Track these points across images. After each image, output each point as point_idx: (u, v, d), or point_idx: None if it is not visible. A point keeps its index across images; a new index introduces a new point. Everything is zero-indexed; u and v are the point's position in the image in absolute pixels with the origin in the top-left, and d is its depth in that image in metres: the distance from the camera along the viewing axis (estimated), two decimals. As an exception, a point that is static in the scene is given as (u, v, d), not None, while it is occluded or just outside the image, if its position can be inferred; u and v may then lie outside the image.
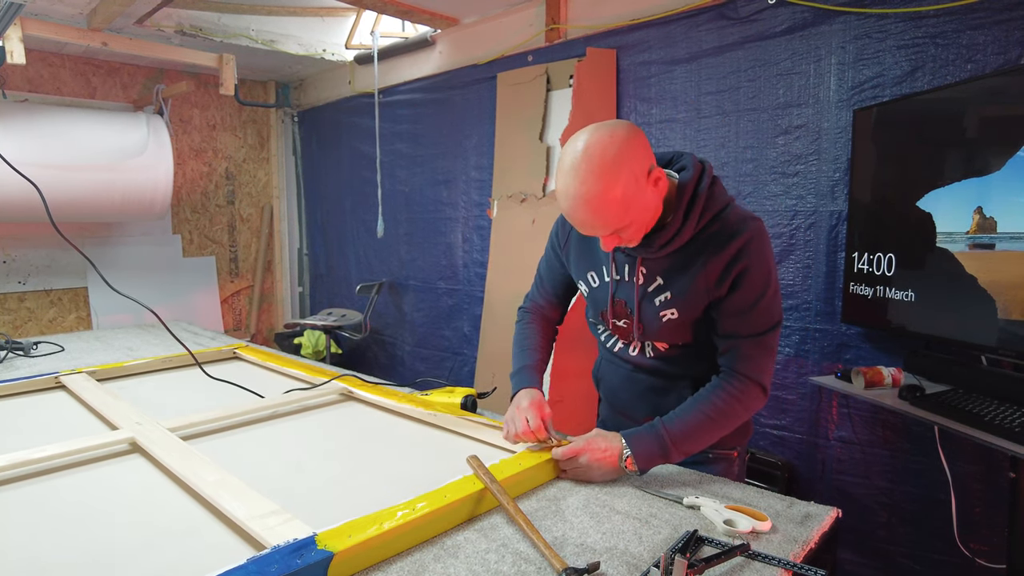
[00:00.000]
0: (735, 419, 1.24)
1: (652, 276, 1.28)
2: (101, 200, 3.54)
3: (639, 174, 1.12)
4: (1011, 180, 1.66)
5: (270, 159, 4.90)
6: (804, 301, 2.33)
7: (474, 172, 3.54)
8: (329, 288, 4.83)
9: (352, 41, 4.09)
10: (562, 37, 3.03)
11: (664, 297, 1.27)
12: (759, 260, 1.19)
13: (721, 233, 1.20)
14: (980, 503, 1.97)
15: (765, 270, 1.20)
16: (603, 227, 1.15)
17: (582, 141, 1.12)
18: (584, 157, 1.10)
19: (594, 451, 1.19)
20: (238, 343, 2.37)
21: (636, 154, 1.12)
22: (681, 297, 1.25)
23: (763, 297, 1.20)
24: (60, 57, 3.86)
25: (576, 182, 1.11)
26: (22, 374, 1.93)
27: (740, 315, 1.21)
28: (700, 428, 1.22)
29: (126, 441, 1.35)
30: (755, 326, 1.22)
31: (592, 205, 1.11)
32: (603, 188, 1.10)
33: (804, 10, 2.27)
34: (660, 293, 1.27)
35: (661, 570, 0.87)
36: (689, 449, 1.22)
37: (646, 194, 1.14)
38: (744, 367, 1.23)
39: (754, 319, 1.21)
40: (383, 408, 1.63)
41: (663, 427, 1.21)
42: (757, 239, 1.19)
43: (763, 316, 1.21)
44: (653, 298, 1.28)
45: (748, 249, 1.18)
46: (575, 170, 1.11)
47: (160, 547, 0.96)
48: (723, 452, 1.40)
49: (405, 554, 0.94)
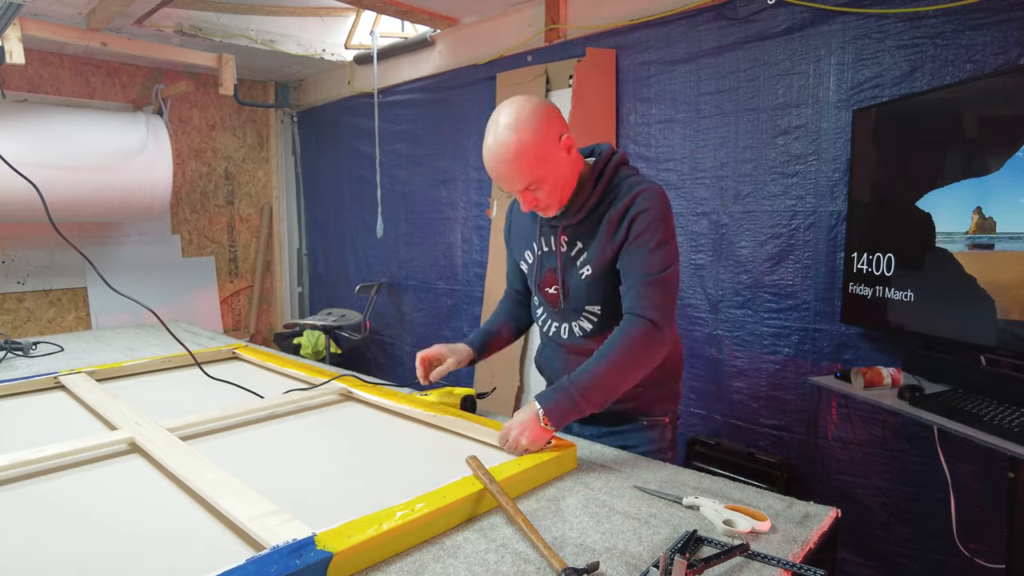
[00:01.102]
0: (637, 360, 1.31)
1: (573, 242, 1.42)
2: (100, 200, 3.54)
3: (550, 134, 1.29)
4: (1010, 180, 1.67)
5: (269, 159, 4.90)
6: (803, 301, 2.33)
7: (473, 172, 3.54)
8: (328, 288, 4.83)
9: (351, 41, 4.09)
10: (562, 37, 3.03)
11: (583, 258, 1.40)
12: (650, 208, 1.32)
13: (621, 189, 1.37)
14: (979, 503, 1.97)
15: (657, 217, 1.33)
16: (518, 179, 1.29)
17: (501, 107, 1.31)
18: (504, 120, 1.28)
19: (515, 422, 1.28)
20: (237, 343, 2.37)
21: (547, 118, 1.29)
22: (592, 253, 1.38)
23: (657, 239, 1.32)
24: (59, 57, 3.86)
25: (491, 137, 1.28)
26: (21, 374, 1.93)
27: (636, 260, 1.33)
28: (605, 375, 1.28)
29: (125, 441, 1.34)
30: (649, 266, 1.32)
31: (507, 155, 1.27)
32: (516, 139, 1.26)
33: (803, 10, 2.27)
34: (581, 254, 1.41)
35: (660, 570, 0.87)
36: (599, 399, 1.28)
37: (558, 155, 1.31)
38: (637, 306, 1.32)
39: (649, 261, 1.32)
40: (382, 408, 1.63)
41: (569, 381, 1.29)
42: (650, 193, 1.34)
43: (657, 258, 1.32)
44: (575, 261, 1.42)
45: (640, 199, 1.33)
46: (492, 127, 1.29)
47: (159, 547, 0.96)
48: (655, 419, 1.51)
49: (404, 554, 0.94)
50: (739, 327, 2.50)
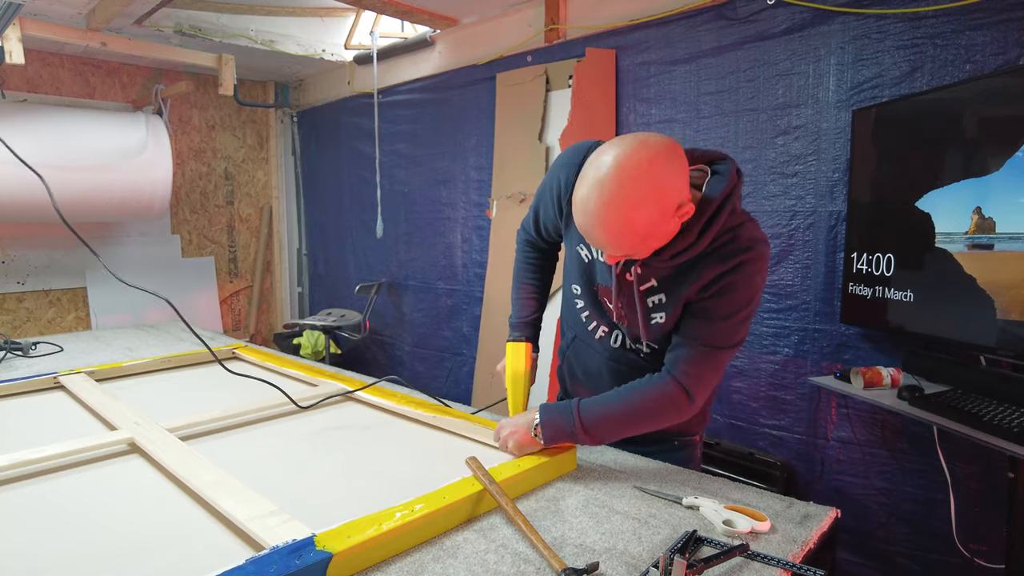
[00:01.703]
0: (653, 421, 1.22)
1: (647, 276, 1.23)
2: (100, 200, 3.54)
3: (668, 207, 1.04)
4: (1010, 180, 1.67)
5: (269, 159, 4.90)
6: (803, 301, 2.33)
7: (473, 172, 3.54)
8: (328, 288, 4.83)
9: (351, 41, 4.09)
10: (561, 37, 3.03)
11: (657, 299, 1.23)
12: (750, 280, 1.16)
13: (727, 247, 1.15)
14: (979, 503, 1.97)
15: (750, 291, 1.16)
16: (616, 251, 1.10)
17: (616, 155, 1.03)
18: (615, 175, 1.01)
19: (509, 422, 1.26)
20: (237, 343, 2.37)
21: (672, 185, 1.03)
22: (672, 302, 1.21)
23: (736, 315, 1.17)
24: (59, 57, 3.85)
25: (598, 200, 1.03)
26: (21, 374, 1.93)
27: (705, 322, 1.18)
28: (615, 420, 1.21)
29: (125, 441, 1.34)
30: (714, 338, 1.18)
31: (610, 229, 1.05)
32: (626, 216, 1.02)
33: (803, 10, 2.27)
34: (653, 294, 1.23)
35: (660, 570, 0.87)
36: (598, 436, 1.22)
37: (669, 226, 1.08)
38: (683, 371, 1.19)
39: (717, 331, 1.18)
40: (382, 409, 1.63)
41: (577, 411, 1.22)
42: (757, 262, 1.15)
43: (727, 332, 1.18)
44: (648, 298, 1.24)
45: (745, 267, 1.15)
46: (600, 185, 1.02)
47: (158, 547, 0.96)
48: (687, 439, 1.42)
49: (404, 555, 0.94)
50: (739, 327, 2.49)
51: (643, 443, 1.39)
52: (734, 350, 1.21)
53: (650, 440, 1.38)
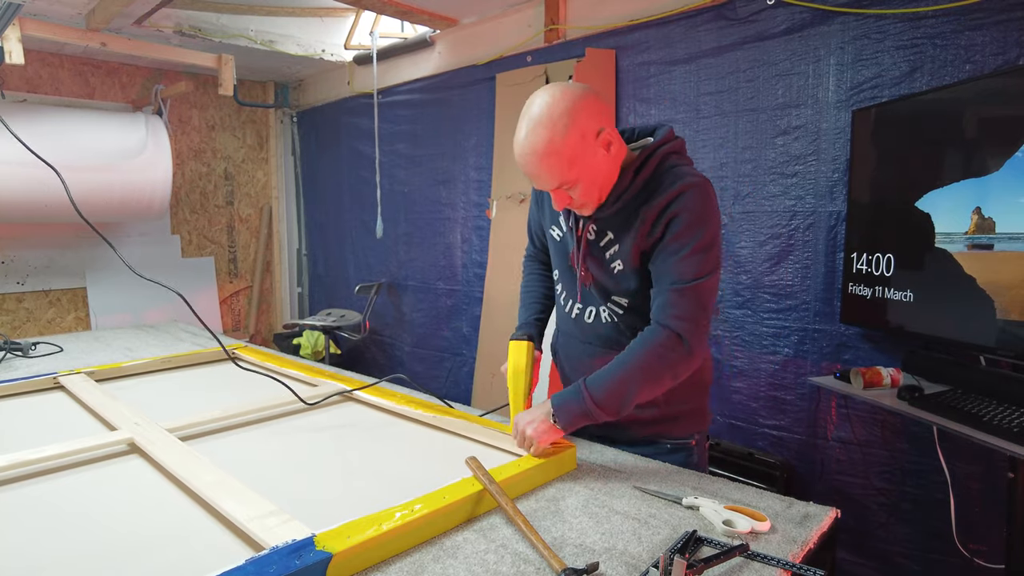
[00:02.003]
0: (656, 373, 1.21)
1: (603, 231, 1.31)
2: (100, 200, 3.54)
3: (587, 132, 1.17)
4: (1010, 180, 1.67)
5: (269, 159, 4.90)
6: (803, 301, 2.33)
7: (473, 173, 3.54)
8: (328, 288, 4.82)
9: (351, 41, 4.09)
10: (561, 38, 3.03)
11: (613, 250, 1.30)
12: (693, 208, 1.20)
13: (662, 181, 1.23)
14: (979, 503, 1.97)
15: (699, 219, 1.20)
16: (548, 179, 1.20)
17: (537, 99, 1.19)
18: (536, 112, 1.18)
19: (526, 414, 1.26)
20: (237, 343, 2.37)
21: (584, 113, 1.17)
22: (624, 248, 1.27)
23: (694, 244, 1.20)
24: (59, 57, 3.85)
25: (523, 132, 1.19)
26: (21, 375, 1.93)
27: (666, 262, 1.22)
28: (620, 384, 1.21)
29: (124, 442, 1.34)
30: (682, 273, 1.20)
31: (538, 155, 1.18)
32: (547, 138, 1.16)
33: (803, 11, 2.27)
34: (610, 246, 1.30)
35: (660, 570, 0.87)
36: (614, 407, 1.21)
37: (595, 154, 1.19)
38: (663, 315, 1.21)
39: (682, 267, 1.20)
40: (382, 409, 1.63)
41: (585, 388, 1.22)
42: (694, 191, 1.21)
43: (691, 265, 1.20)
44: (604, 252, 1.31)
45: (683, 197, 1.20)
46: (524, 121, 1.19)
47: (158, 548, 0.96)
48: (680, 442, 1.39)
49: (404, 555, 0.94)
50: (739, 327, 2.50)
51: (631, 444, 1.39)
52: (708, 282, 1.22)
53: (641, 443, 1.39)
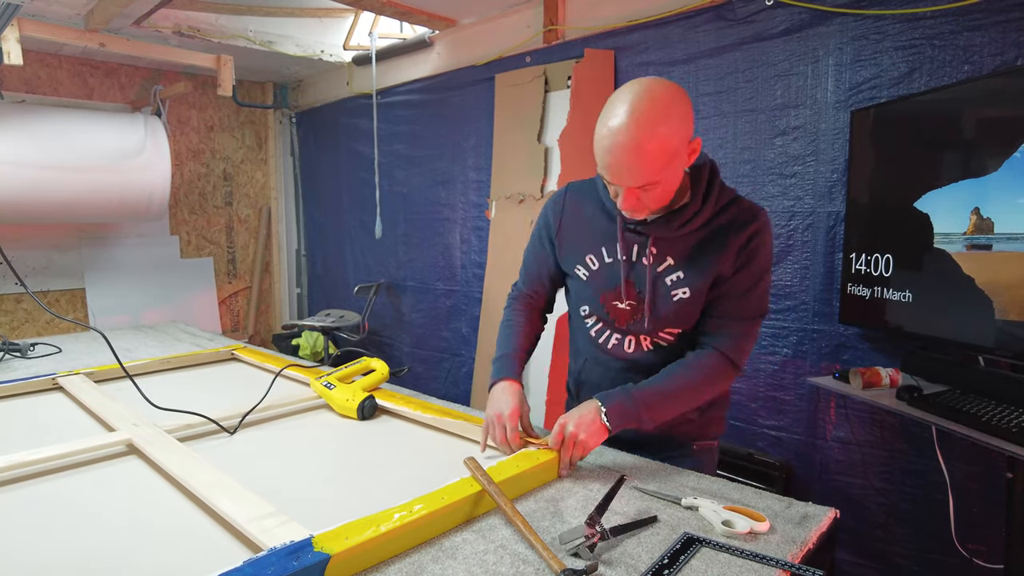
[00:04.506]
0: (705, 393, 1.28)
1: (663, 256, 1.27)
2: (98, 201, 3.54)
3: (685, 134, 1.12)
4: (1008, 181, 1.67)
5: (268, 160, 4.90)
6: (802, 302, 2.33)
7: (472, 173, 3.54)
8: (327, 289, 4.82)
9: (350, 42, 4.09)
10: (560, 38, 3.03)
11: (676, 276, 1.27)
12: (766, 247, 1.25)
13: (739, 216, 1.24)
14: (977, 503, 1.97)
15: (768, 257, 1.26)
16: (641, 174, 1.11)
17: (639, 84, 1.10)
18: (646, 96, 1.08)
19: (572, 417, 1.22)
20: (236, 344, 2.37)
21: (688, 114, 1.12)
22: (693, 277, 1.25)
23: (761, 282, 1.25)
24: (57, 58, 3.85)
25: (623, 117, 1.07)
26: (19, 375, 1.92)
27: (738, 297, 1.25)
28: (671, 397, 1.24)
29: (123, 443, 1.34)
30: (748, 310, 1.26)
31: (640, 146, 1.08)
32: (654, 131, 1.07)
33: (801, 11, 2.27)
34: (671, 273, 1.27)
35: None
36: (658, 417, 1.24)
37: (683, 158, 1.14)
38: (727, 346, 1.26)
39: (748, 303, 1.25)
40: (381, 409, 1.63)
41: (635, 389, 1.24)
42: (768, 227, 1.26)
43: (757, 301, 1.26)
44: (665, 277, 1.28)
45: (761, 234, 1.23)
46: (625, 106, 1.08)
47: (156, 549, 0.96)
48: (706, 443, 1.42)
49: (403, 556, 0.94)
50: (738, 328, 2.49)
51: (660, 448, 1.36)
52: (763, 319, 1.29)
53: (672, 446, 1.38)
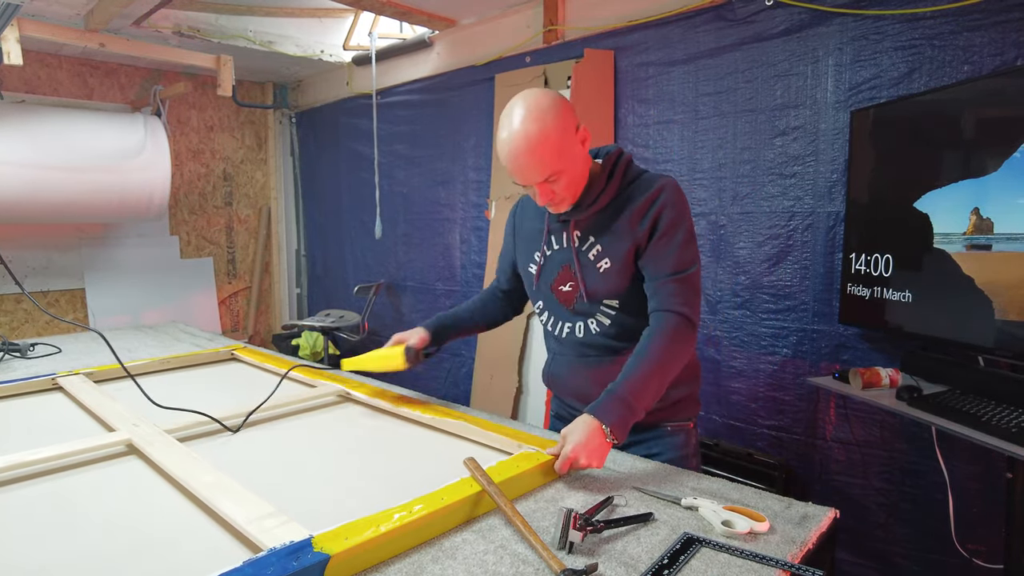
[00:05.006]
0: (677, 355, 1.31)
1: (586, 236, 1.40)
2: (98, 201, 3.53)
3: (568, 126, 1.28)
4: (1008, 181, 1.67)
5: (268, 160, 4.90)
6: (801, 302, 2.34)
7: (472, 173, 3.54)
8: (327, 289, 4.82)
9: (350, 42, 4.09)
10: (560, 38, 3.03)
11: (597, 250, 1.39)
12: (673, 204, 1.33)
13: (639, 186, 1.37)
14: (977, 503, 1.98)
15: (679, 213, 1.34)
16: (538, 169, 1.27)
17: (515, 99, 1.29)
18: (519, 107, 1.27)
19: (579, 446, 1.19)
20: (236, 344, 2.37)
21: (565, 108, 1.29)
22: (611, 247, 1.37)
23: (682, 236, 1.33)
24: (57, 58, 3.85)
25: (512, 126, 1.26)
26: (19, 375, 1.92)
27: (663, 257, 1.33)
28: (651, 374, 1.27)
29: (123, 443, 1.34)
30: (676, 264, 1.33)
31: (530, 145, 1.25)
32: (537, 129, 1.24)
33: (801, 11, 2.27)
34: (593, 247, 1.39)
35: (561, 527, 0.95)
36: (650, 399, 1.27)
37: (575, 147, 1.30)
38: (669, 302, 1.32)
39: (675, 258, 1.33)
40: (380, 410, 1.63)
41: (621, 388, 1.25)
42: (670, 188, 1.35)
43: (681, 254, 1.33)
44: (588, 254, 1.40)
45: (663, 195, 1.34)
46: (508, 118, 1.27)
47: (156, 549, 0.96)
48: (679, 424, 1.47)
49: (403, 556, 0.94)
50: (737, 328, 2.50)
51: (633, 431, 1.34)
52: (698, 269, 1.36)
53: (640, 428, 1.39)
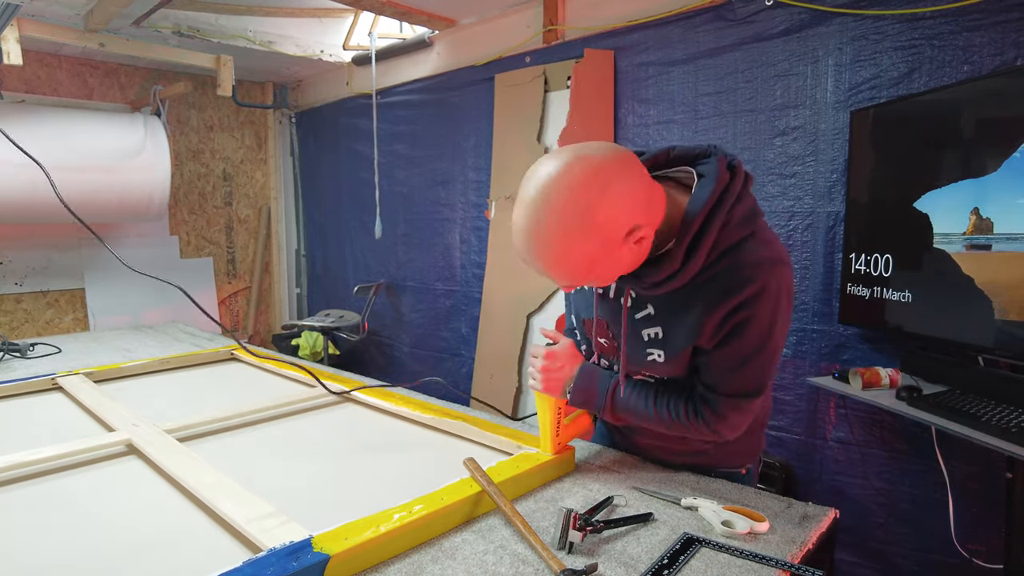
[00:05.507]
0: (685, 439, 1.16)
1: (642, 302, 1.08)
2: (98, 201, 3.53)
3: (612, 236, 0.90)
4: (1008, 181, 1.67)
5: (268, 160, 4.90)
6: (801, 302, 2.33)
7: (472, 173, 3.54)
8: (327, 289, 4.82)
9: (350, 42, 4.09)
10: (560, 38, 3.03)
11: (654, 333, 1.08)
12: (765, 313, 0.99)
13: (727, 276, 0.98)
14: (977, 503, 1.97)
15: (772, 323, 1.00)
16: (558, 282, 0.98)
17: (547, 174, 0.88)
18: (543, 201, 0.88)
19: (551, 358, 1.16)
20: (235, 344, 2.36)
21: (615, 211, 0.88)
22: (672, 341, 1.06)
23: (754, 358, 1.02)
24: (57, 58, 3.85)
25: (526, 231, 0.91)
26: (19, 376, 1.92)
27: (722, 371, 1.05)
28: (640, 419, 1.14)
29: (122, 443, 1.34)
30: (735, 387, 1.05)
31: (542, 264, 0.93)
32: (558, 249, 0.90)
33: (801, 11, 2.27)
34: (649, 326, 1.08)
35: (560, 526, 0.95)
36: (624, 422, 1.17)
37: (620, 256, 0.93)
38: (712, 420, 1.07)
39: (737, 380, 1.04)
40: (380, 410, 1.63)
41: (613, 394, 1.15)
42: (769, 290, 0.97)
43: (747, 379, 1.04)
44: (640, 329, 1.09)
45: (754, 303, 0.97)
46: (528, 212, 0.90)
47: (156, 550, 0.96)
48: (730, 471, 1.26)
49: (402, 556, 0.94)
50: (737, 328, 2.49)
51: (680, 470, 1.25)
52: (762, 394, 1.06)
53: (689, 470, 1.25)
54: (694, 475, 1.24)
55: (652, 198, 0.95)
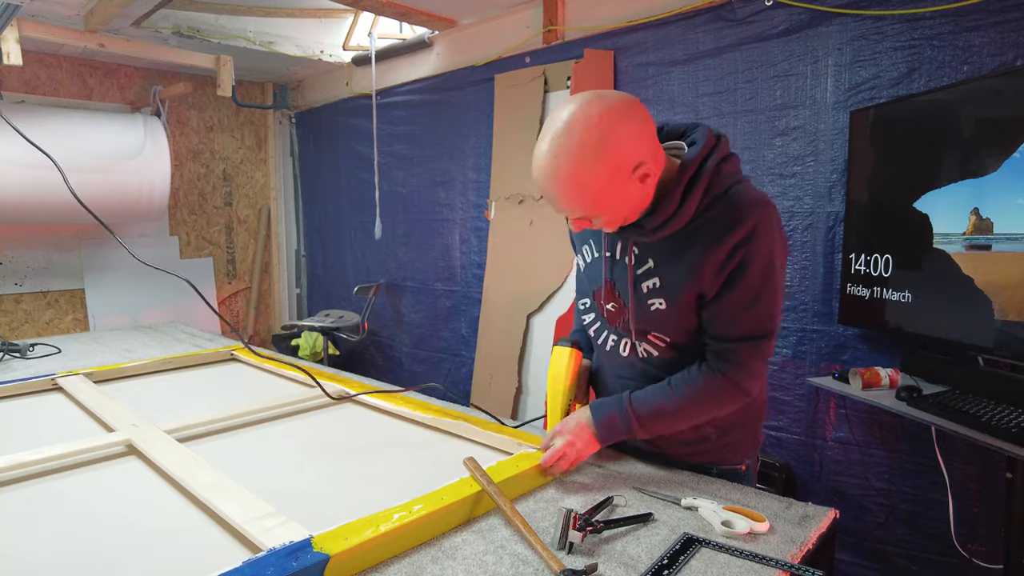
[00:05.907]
0: (709, 412, 1.17)
1: (643, 258, 1.16)
2: (98, 201, 3.52)
3: (622, 167, 1.01)
4: (1008, 181, 1.67)
5: (267, 160, 4.90)
6: (801, 302, 2.33)
7: (472, 173, 3.54)
8: (326, 289, 4.82)
9: (350, 42, 4.09)
10: (560, 39, 3.03)
11: (652, 283, 1.15)
12: (762, 253, 1.06)
13: (721, 218, 1.07)
14: (977, 503, 1.97)
15: (766, 264, 1.07)
16: (566, 209, 1.07)
17: (568, 111, 1.01)
18: (565, 130, 1.00)
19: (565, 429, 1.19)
20: (235, 344, 2.36)
21: (625, 144, 1.00)
22: (670, 287, 1.13)
23: (762, 295, 1.08)
24: (57, 58, 3.85)
25: (547, 156, 1.01)
26: (18, 376, 1.92)
27: (733, 315, 1.10)
28: (669, 412, 1.16)
29: (122, 443, 1.34)
30: (749, 328, 1.10)
31: (559, 186, 1.02)
32: (574, 172, 1.00)
33: (801, 12, 2.27)
34: (648, 278, 1.15)
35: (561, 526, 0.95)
36: (654, 430, 1.18)
37: (627, 190, 1.03)
38: (726, 367, 1.12)
39: (749, 320, 1.09)
40: (380, 410, 1.63)
41: (630, 402, 1.17)
42: (763, 228, 1.05)
43: (759, 318, 1.09)
44: (641, 282, 1.16)
45: (751, 241, 1.05)
46: (549, 136, 1.01)
47: (155, 549, 0.96)
48: (730, 468, 1.28)
49: (402, 556, 0.94)
50: (737, 328, 2.49)
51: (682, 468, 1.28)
52: (773, 336, 1.11)
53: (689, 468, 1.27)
54: (694, 475, 1.24)
55: (656, 145, 1.07)
